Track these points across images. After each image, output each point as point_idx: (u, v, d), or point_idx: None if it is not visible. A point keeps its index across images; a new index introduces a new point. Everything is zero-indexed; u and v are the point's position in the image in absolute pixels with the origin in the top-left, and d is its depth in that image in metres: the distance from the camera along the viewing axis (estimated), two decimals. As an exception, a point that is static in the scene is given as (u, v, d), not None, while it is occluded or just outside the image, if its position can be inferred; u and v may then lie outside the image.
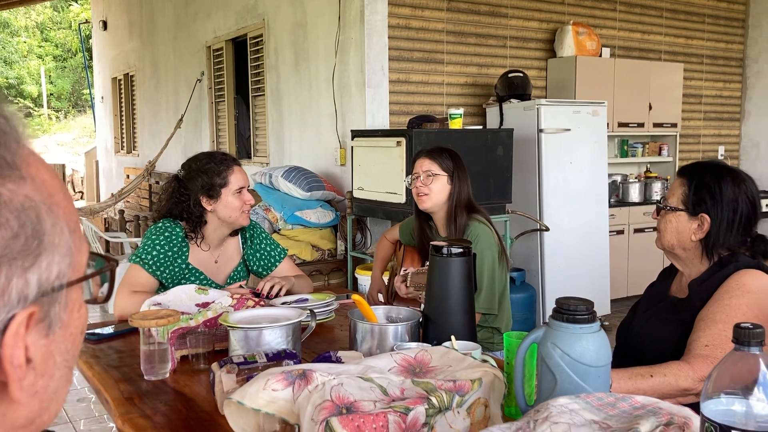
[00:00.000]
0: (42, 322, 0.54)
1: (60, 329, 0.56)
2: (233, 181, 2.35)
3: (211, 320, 1.84)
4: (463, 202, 2.46)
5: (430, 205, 2.46)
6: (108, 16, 10.81)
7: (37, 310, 0.53)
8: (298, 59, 5.73)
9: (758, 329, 0.84)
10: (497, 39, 5.56)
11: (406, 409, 1.20)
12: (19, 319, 0.51)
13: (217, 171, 2.34)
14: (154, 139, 8.98)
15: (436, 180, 2.44)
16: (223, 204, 2.34)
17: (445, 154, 2.50)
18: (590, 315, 1.16)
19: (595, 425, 0.91)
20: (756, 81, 7.11)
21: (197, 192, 2.33)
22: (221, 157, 2.39)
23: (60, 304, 0.55)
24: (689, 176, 1.77)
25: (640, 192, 5.98)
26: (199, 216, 2.36)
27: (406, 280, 2.36)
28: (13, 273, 0.51)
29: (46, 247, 0.53)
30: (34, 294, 0.52)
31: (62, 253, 0.54)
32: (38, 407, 0.55)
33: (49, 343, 0.55)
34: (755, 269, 1.70)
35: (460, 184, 2.46)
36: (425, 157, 2.50)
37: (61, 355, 0.57)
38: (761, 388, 0.83)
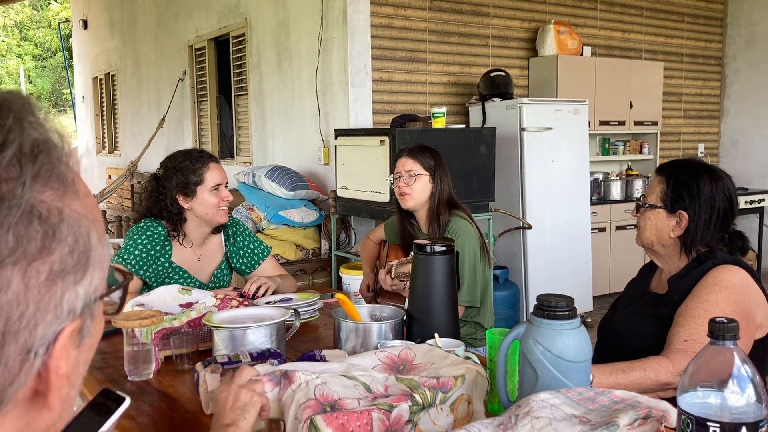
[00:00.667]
0: (78, 333, 0.56)
1: (88, 340, 0.58)
2: (209, 179, 2.34)
3: (195, 320, 1.84)
4: (445, 199, 2.49)
5: (412, 204, 2.49)
6: (88, 15, 10.71)
7: (80, 322, 0.55)
8: (281, 58, 5.72)
9: (732, 323, 0.86)
10: (479, 38, 5.58)
11: (389, 407, 1.21)
12: (67, 332, 0.53)
13: (192, 169, 2.33)
14: (136, 139, 8.92)
15: (418, 180, 2.47)
16: (200, 202, 2.34)
17: (427, 153, 2.52)
18: (571, 311, 1.18)
19: (575, 419, 0.92)
20: (734, 79, 7.20)
21: (173, 190, 2.33)
22: (197, 154, 2.39)
23: (92, 316, 0.57)
24: (668, 174, 1.80)
25: (621, 190, 6.03)
26: (177, 214, 2.36)
27: (391, 271, 2.37)
28: (66, 287, 0.53)
29: (92, 262, 0.55)
30: (80, 307, 0.54)
31: (100, 267, 0.56)
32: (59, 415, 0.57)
33: (78, 353, 0.57)
34: (733, 265, 1.73)
35: (442, 183, 2.49)
36: (407, 157, 2.51)
37: (83, 365, 0.59)
38: (735, 381, 0.85)
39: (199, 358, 1.66)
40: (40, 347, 0.52)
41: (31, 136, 0.53)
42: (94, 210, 0.57)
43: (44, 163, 0.53)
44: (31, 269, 0.50)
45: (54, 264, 0.51)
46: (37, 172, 0.52)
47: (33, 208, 0.51)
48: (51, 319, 0.52)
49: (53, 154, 0.54)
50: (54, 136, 0.55)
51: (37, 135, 0.53)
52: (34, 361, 0.51)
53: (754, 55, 7.01)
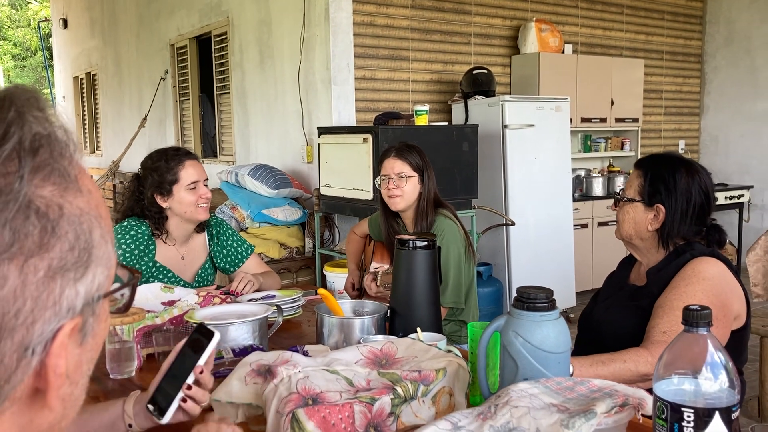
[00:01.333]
0: (80, 332, 0.55)
1: (91, 339, 0.57)
2: (184, 177, 2.33)
3: (177, 318, 1.84)
4: (431, 198, 2.48)
5: (403, 206, 2.48)
6: (68, 14, 10.62)
7: (80, 320, 0.54)
8: (263, 57, 5.70)
9: (706, 311, 0.87)
10: (461, 36, 5.60)
11: (371, 399, 1.22)
12: (66, 330, 0.52)
13: (167, 167, 2.32)
14: (118, 139, 8.85)
15: (408, 181, 2.45)
16: (177, 200, 2.33)
17: (414, 152, 2.50)
18: (550, 303, 1.19)
19: (553, 408, 0.94)
20: (714, 76, 7.28)
21: (150, 190, 2.33)
22: (173, 152, 2.37)
23: (95, 315, 0.56)
24: (645, 168, 1.83)
25: (603, 186, 6.08)
26: (158, 213, 2.35)
27: (376, 278, 2.38)
28: (66, 284, 0.52)
29: (93, 259, 0.54)
30: (80, 305, 0.53)
31: (104, 265, 0.56)
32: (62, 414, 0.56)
33: (81, 352, 0.56)
34: (710, 257, 1.75)
35: (429, 182, 2.48)
36: (396, 158, 2.48)
37: (87, 364, 0.58)
38: (709, 367, 0.87)
39: (182, 355, 1.66)
40: (37, 345, 0.51)
41: (32, 130, 0.52)
42: (99, 207, 0.56)
43: (45, 157, 0.52)
44: (28, 265, 0.49)
45: (53, 260, 0.51)
46: (36, 167, 0.51)
47: (31, 203, 0.50)
48: (49, 316, 0.51)
49: (55, 148, 0.53)
50: (58, 131, 0.54)
51: (39, 129, 0.53)
52: (31, 358, 0.51)
53: (732, 52, 7.10)
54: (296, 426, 1.15)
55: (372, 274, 2.42)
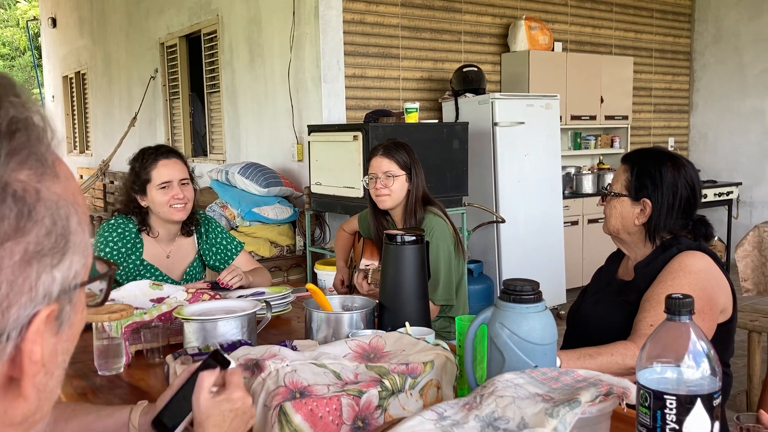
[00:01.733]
0: (56, 320, 0.54)
1: (68, 329, 0.56)
2: (155, 177, 2.32)
3: (166, 314, 1.83)
4: (420, 196, 2.48)
5: (390, 205, 2.48)
6: (57, 14, 10.56)
7: (56, 308, 0.53)
8: (253, 55, 5.69)
9: (688, 299, 0.88)
10: (452, 34, 5.61)
11: (359, 392, 1.22)
12: (42, 316, 0.52)
13: (142, 166, 2.33)
14: (108, 139, 8.82)
15: (396, 180, 2.45)
16: (150, 200, 2.33)
17: (402, 150, 2.49)
18: (536, 295, 1.20)
19: (538, 398, 0.94)
20: (703, 74, 7.32)
21: (130, 189, 2.35)
22: (150, 151, 2.37)
23: (71, 303, 0.56)
24: (631, 163, 1.84)
25: (593, 183, 6.10)
26: (137, 209, 2.36)
27: (367, 276, 2.37)
28: (42, 269, 0.51)
29: (71, 246, 0.54)
30: (57, 291, 0.53)
31: (81, 253, 0.55)
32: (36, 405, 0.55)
33: (57, 341, 0.55)
34: (697, 251, 1.76)
35: (417, 180, 2.47)
36: (383, 157, 2.47)
37: (63, 354, 0.57)
38: (691, 355, 0.87)
39: (170, 352, 1.65)
40: (12, 330, 0.50)
41: (9, 114, 0.51)
42: (75, 194, 0.56)
43: (22, 141, 0.51)
44: (4, 249, 0.49)
45: (29, 245, 0.50)
46: (13, 150, 0.50)
47: (7, 186, 0.49)
48: (25, 301, 0.50)
49: (33, 133, 0.53)
50: (35, 116, 0.54)
51: (16, 113, 0.52)
52: (6, 344, 0.50)
53: (721, 50, 7.14)
54: (284, 419, 1.16)
55: (363, 272, 2.42)
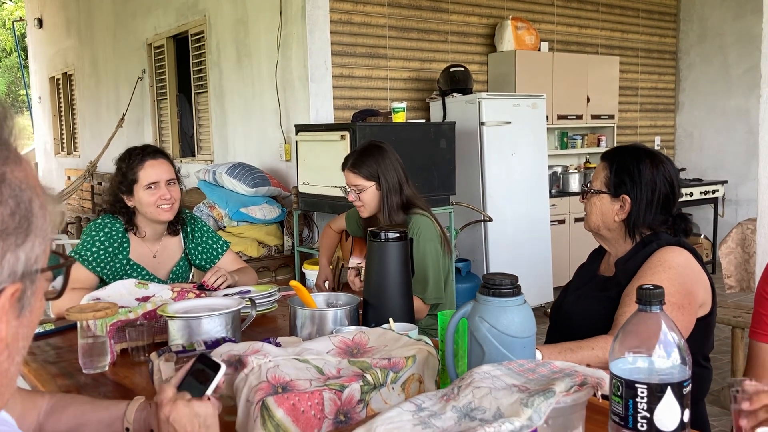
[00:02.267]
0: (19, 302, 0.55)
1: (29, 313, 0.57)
2: (142, 177, 2.31)
3: (151, 312, 1.84)
4: (397, 197, 2.46)
5: (368, 214, 2.53)
6: (43, 14, 10.51)
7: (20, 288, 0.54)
8: (241, 55, 5.70)
9: (658, 290, 0.90)
10: (439, 34, 5.63)
11: (341, 387, 1.23)
12: (7, 293, 0.53)
13: (129, 167, 2.32)
14: (95, 140, 8.78)
15: (364, 192, 2.47)
16: (137, 200, 2.33)
17: (367, 160, 2.47)
18: (515, 288, 1.21)
19: (514, 388, 0.96)
20: (688, 73, 7.38)
21: (116, 189, 2.35)
22: (137, 151, 2.37)
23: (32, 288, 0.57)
24: (610, 160, 1.86)
25: (580, 182, 6.14)
26: (124, 208, 2.36)
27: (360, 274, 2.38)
28: (7, 248, 0.53)
29: (33, 229, 0.55)
30: (21, 271, 0.54)
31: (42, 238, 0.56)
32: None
33: (18, 325, 0.56)
34: (676, 246, 1.79)
35: (389, 184, 2.45)
36: (349, 171, 2.50)
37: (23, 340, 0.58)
38: (662, 345, 0.89)
39: (155, 350, 1.66)
40: None
41: None
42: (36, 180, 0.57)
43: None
44: None
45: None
46: None
47: None
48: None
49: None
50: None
51: None
52: None
53: (706, 49, 7.20)
54: (266, 414, 1.17)
55: (355, 269, 2.43)
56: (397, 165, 2.50)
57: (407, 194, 2.50)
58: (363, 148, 2.55)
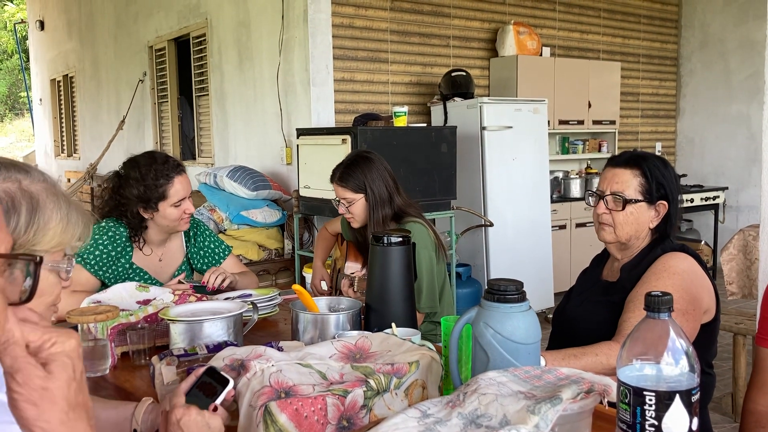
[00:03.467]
0: None
1: None
2: (172, 195, 2.27)
3: (152, 316, 1.83)
4: (387, 208, 2.44)
5: (359, 225, 2.51)
6: (45, 16, 10.52)
7: None
8: (242, 59, 5.69)
9: (666, 296, 0.89)
10: (440, 38, 5.64)
11: (344, 392, 1.23)
12: None
13: (155, 184, 2.24)
14: (96, 142, 8.78)
15: (353, 204, 2.45)
16: (161, 215, 2.28)
17: (355, 172, 2.45)
18: (520, 294, 1.21)
19: (520, 395, 0.95)
20: (689, 79, 7.38)
21: (134, 203, 2.26)
22: (161, 167, 2.27)
23: None
24: (639, 166, 1.80)
25: (581, 188, 6.13)
26: (138, 222, 2.32)
27: (353, 284, 2.37)
28: None
29: None
30: None
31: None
32: None
33: None
34: (680, 252, 1.78)
35: (375, 195, 2.42)
36: (336, 185, 2.48)
37: None
38: (670, 352, 0.88)
39: (156, 353, 1.65)
40: None
41: None
42: None
43: None
44: None
45: None
46: None
47: None
48: None
49: None
50: None
51: None
52: None
53: (707, 55, 7.20)
54: (269, 419, 1.16)
55: (348, 279, 2.42)
56: (385, 174, 2.46)
57: (398, 203, 2.46)
58: (350, 160, 2.51)
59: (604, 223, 1.85)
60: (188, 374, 1.31)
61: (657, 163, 1.83)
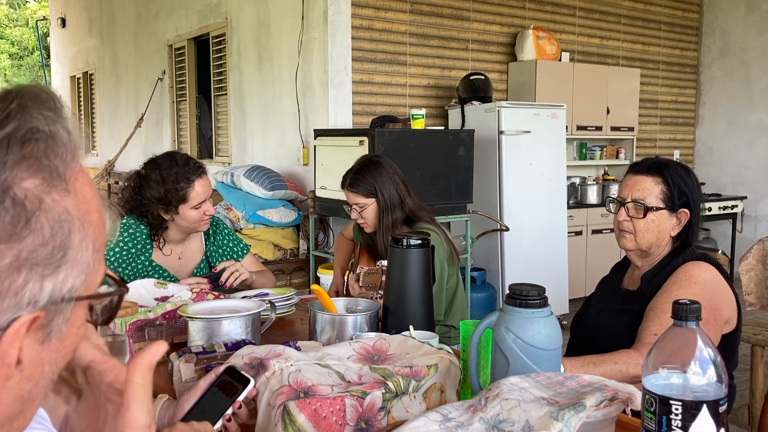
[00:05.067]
0: (43, 329, 0.55)
1: (57, 340, 0.57)
2: (193, 198, 2.27)
3: (170, 313, 1.84)
4: (398, 211, 2.42)
5: (371, 230, 2.48)
6: (67, 14, 10.62)
7: (42, 316, 0.54)
8: (261, 59, 5.72)
9: (695, 305, 0.88)
10: (459, 42, 5.63)
11: (363, 393, 1.22)
12: (22, 321, 0.52)
13: (176, 187, 2.24)
14: (114, 139, 8.85)
15: (365, 209, 2.43)
16: (181, 217, 2.29)
17: (365, 177, 2.43)
18: (542, 300, 1.20)
19: (543, 401, 0.94)
20: (709, 87, 7.32)
21: (155, 204, 2.27)
22: (182, 170, 2.26)
23: (64, 316, 0.56)
24: (661, 174, 1.79)
25: (598, 194, 6.10)
26: (158, 223, 2.33)
27: (359, 279, 2.37)
28: (31, 277, 0.52)
29: (68, 260, 0.54)
30: (44, 301, 0.53)
31: (80, 270, 0.55)
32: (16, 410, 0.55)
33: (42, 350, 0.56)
34: (702, 261, 1.76)
35: (385, 200, 2.40)
36: (348, 190, 2.45)
37: (50, 365, 0.58)
38: (697, 361, 0.87)
39: (174, 350, 1.65)
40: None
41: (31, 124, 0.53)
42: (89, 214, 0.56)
43: (35, 151, 0.53)
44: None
45: (22, 251, 0.51)
46: (23, 157, 0.52)
47: (8, 189, 0.50)
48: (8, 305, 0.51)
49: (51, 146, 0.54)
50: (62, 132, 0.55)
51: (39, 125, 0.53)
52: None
53: (728, 63, 7.14)
54: (287, 418, 1.16)
55: (356, 275, 2.42)
56: (396, 178, 2.44)
57: (409, 206, 2.44)
58: (359, 165, 2.49)
59: (624, 230, 1.83)
60: (207, 372, 1.32)
61: (679, 170, 1.81)
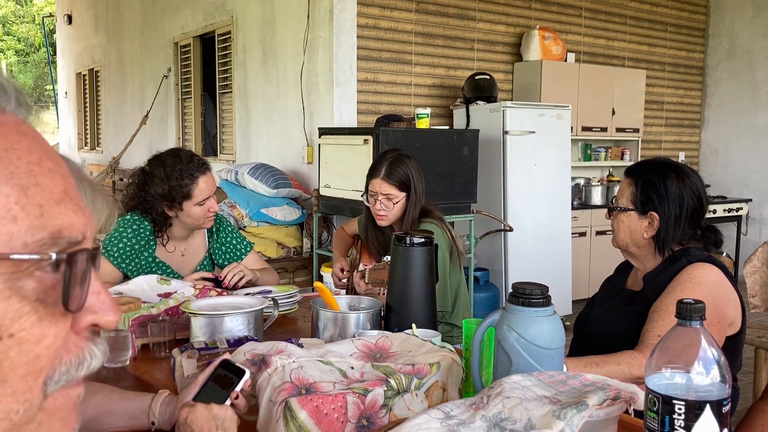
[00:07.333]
0: None
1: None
2: (197, 194, 2.27)
3: (173, 309, 1.84)
4: (418, 207, 2.42)
5: (388, 224, 2.45)
6: (73, 11, 10.64)
7: None
8: (267, 57, 5.72)
9: (699, 304, 0.88)
10: (465, 42, 5.62)
11: (365, 391, 1.22)
12: None
13: (180, 184, 2.24)
14: (119, 136, 8.86)
15: (395, 202, 2.40)
16: (185, 214, 2.29)
17: (404, 168, 2.41)
18: (545, 299, 1.20)
19: (545, 400, 0.94)
20: (715, 89, 7.29)
21: (159, 201, 2.27)
22: (186, 167, 2.27)
23: None
24: (635, 176, 1.82)
25: (602, 195, 6.08)
26: (163, 219, 2.33)
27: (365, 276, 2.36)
28: None
29: None
30: None
31: None
32: None
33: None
34: (706, 263, 1.76)
35: (415, 198, 2.40)
36: (383, 181, 2.40)
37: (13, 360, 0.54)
38: (701, 362, 0.87)
39: (176, 346, 1.65)
40: None
41: None
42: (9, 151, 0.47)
43: None
44: None
45: None
46: None
47: None
48: None
49: None
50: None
51: None
52: None
53: (734, 65, 7.12)
54: (289, 415, 1.16)
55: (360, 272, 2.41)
56: (422, 176, 2.46)
57: (424, 206, 2.46)
58: (395, 157, 2.46)
59: (611, 228, 1.91)
60: (208, 368, 1.32)
61: (657, 174, 1.79)
